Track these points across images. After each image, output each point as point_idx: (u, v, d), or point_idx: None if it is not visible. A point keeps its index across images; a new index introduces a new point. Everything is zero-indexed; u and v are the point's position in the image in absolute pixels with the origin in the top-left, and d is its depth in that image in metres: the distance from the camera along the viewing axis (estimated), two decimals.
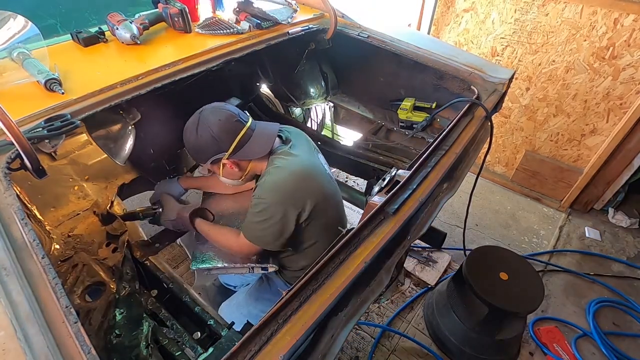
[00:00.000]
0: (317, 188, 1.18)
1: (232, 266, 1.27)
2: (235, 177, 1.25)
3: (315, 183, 1.18)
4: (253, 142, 1.17)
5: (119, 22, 1.23)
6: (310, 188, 1.16)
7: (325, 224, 1.23)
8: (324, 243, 1.26)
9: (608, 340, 1.91)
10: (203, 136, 1.13)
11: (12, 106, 0.83)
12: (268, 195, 1.11)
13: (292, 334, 0.68)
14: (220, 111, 1.16)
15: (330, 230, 1.26)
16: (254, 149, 1.17)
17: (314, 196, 1.15)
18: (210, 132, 1.12)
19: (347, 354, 1.84)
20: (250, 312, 1.40)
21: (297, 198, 1.12)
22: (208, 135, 1.12)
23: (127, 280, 1.09)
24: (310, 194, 1.15)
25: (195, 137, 1.14)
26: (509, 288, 1.60)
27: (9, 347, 0.56)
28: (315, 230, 1.22)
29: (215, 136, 1.12)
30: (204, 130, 1.12)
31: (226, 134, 1.13)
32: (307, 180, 1.16)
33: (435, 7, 2.52)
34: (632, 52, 2.02)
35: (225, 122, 1.14)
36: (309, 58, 1.79)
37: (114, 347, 0.90)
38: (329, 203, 1.23)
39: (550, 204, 2.75)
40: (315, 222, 1.19)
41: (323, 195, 1.20)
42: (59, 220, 1.15)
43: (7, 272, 0.63)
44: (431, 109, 1.68)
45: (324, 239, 1.25)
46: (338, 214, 1.34)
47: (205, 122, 1.13)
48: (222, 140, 1.13)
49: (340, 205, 1.38)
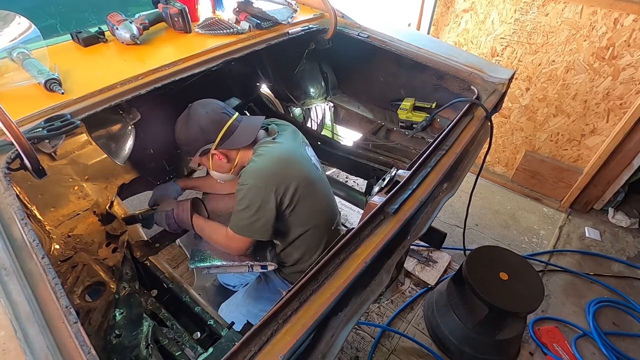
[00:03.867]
0: (299, 171, 1.20)
1: (230, 264, 1.27)
2: (225, 169, 1.28)
3: (296, 167, 1.20)
4: (239, 132, 1.23)
5: (119, 22, 1.23)
6: (291, 172, 1.18)
7: (312, 210, 1.25)
8: (315, 232, 1.28)
9: (608, 340, 1.91)
10: (192, 128, 1.19)
11: (12, 106, 0.83)
12: (249, 180, 1.14)
13: (292, 334, 0.68)
14: (208, 104, 1.23)
15: (319, 219, 1.28)
16: (240, 138, 1.23)
17: (296, 179, 1.17)
18: (198, 123, 1.19)
19: (347, 354, 1.84)
20: (250, 312, 1.40)
21: (278, 181, 1.15)
22: (197, 126, 1.19)
23: (127, 280, 1.09)
24: (291, 177, 1.17)
25: (185, 130, 1.21)
26: (509, 288, 1.60)
27: (9, 347, 0.56)
28: (303, 217, 1.23)
29: (203, 127, 1.19)
30: (193, 122, 1.19)
31: (213, 124, 1.20)
32: (288, 163, 1.19)
33: (435, 7, 2.52)
34: (632, 52, 2.02)
35: (212, 113, 1.21)
36: (309, 58, 1.79)
37: (114, 347, 0.90)
38: (314, 189, 1.24)
39: (550, 204, 2.75)
40: (301, 207, 1.20)
41: (306, 180, 1.21)
42: (59, 220, 1.15)
43: (7, 272, 0.63)
44: (431, 109, 1.68)
45: (314, 228, 1.27)
46: (327, 202, 1.34)
47: (194, 115, 1.19)
48: (209, 131, 1.19)
49: (329, 196, 1.39)
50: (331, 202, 1.39)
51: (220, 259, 1.27)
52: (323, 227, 1.31)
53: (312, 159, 1.33)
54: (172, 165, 1.65)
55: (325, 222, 1.32)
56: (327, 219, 1.33)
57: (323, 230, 1.31)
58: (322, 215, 1.30)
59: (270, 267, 1.30)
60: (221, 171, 1.29)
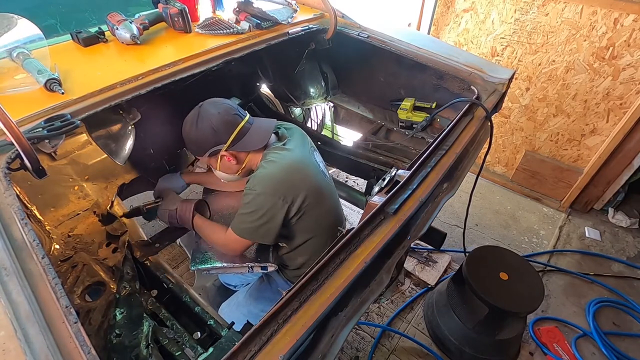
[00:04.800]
0: (309, 181, 1.19)
1: (231, 266, 1.27)
2: (233, 170, 1.26)
3: (306, 176, 1.19)
4: (251, 134, 1.20)
5: (119, 22, 1.23)
6: (301, 181, 1.17)
7: (318, 218, 1.24)
8: (320, 239, 1.27)
9: (608, 340, 1.91)
10: (203, 128, 1.15)
11: (12, 106, 0.83)
12: (258, 186, 1.12)
13: (292, 334, 0.68)
14: (220, 104, 1.19)
15: (325, 226, 1.27)
16: (252, 140, 1.20)
17: (305, 189, 1.16)
18: (210, 123, 1.15)
19: (347, 354, 1.84)
20: (251, 312, 1.40)
21: (287, 190, 1.13)
22: (208, 127, 1.15)
23: (127, 280, 1.09)
24: (301, 187, 1.15)
25: (195, 129, 1.16)
26: (509, 288, 1.60)
27: (9, 347, 0.56)
28: (309, 225, 1.23)
29: (214, 127, 1.15)
30: (204, 122, 1.15)
31: (225, 125, 1.16)
32: (298, 173, 1.18)
33: (435, 7, 2.52)
34: (632, 52, 2.02)
35: (224, 114, 1.17)
36: (309, 58, 1.79)
37: (114, 347, 0.90)
38: (322, 198, 1.24)
39: (550, 204, 2.75)
40: (308, 216, 1.19)
41: (315, 189, 1.20)
42: (59, 220, 1.15)
43: (7, 272, 0.63)
44: (431, 109, 1.68)
45: (320, 235, 1.26)
46: (334, 211, 1.34)
47: (206, 115, 1.16)
48: (221, 131, 1.16)
49: (336, 203, 1.38)
50: (337, 208, 1.39)
51: (220, 261, 1.26)
52: (329, 234, 1.29)
53: (321, 165, 1.32)
54: (172, 165, 1.65)
55: (331, 229, 1.30)
56: (333, 226, 1.32)
57: (328, 237, 1.29)
58: (329, 222, 1.29)
59: (271, 268, 1.30)
60: (228, 172, 1.28)
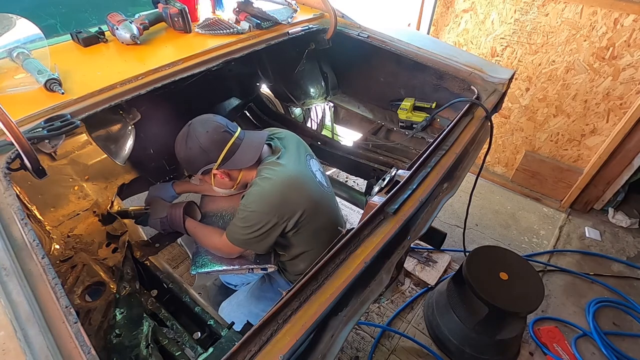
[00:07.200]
0: (305, 197, 1.18)
1: (231, 268, 1.27)
2: (227, 186, 1.27)
3: (302, 192, 1.18)
4: (241, 151, 1.19)
5: (119, 22, 1.23)
6: (297, 197, 1.16)
7: (315, 231, 1.23)
8: (319, 249, 1.25)
9: (608, 340, 1.91)
10: (192, 148, 1.15)
11: (12, 106, 0.83)
12: (253, 205, 1.12)
13: (292, 334, 0.68)
14: (208, 122, 1.17)
15: (322, 237, 1.25)
16: (243, 158, 1.19)
17: (301, 205, 1.16)
18: (198, 143, 1.14)
19: (347, 354, 1.84)
20: (251, 312, 1.40)
21: (282, 209, 1.13)
22: (197, 146, 1.14)
23: (127, 280, 1.09)
24: (297, 204, 1.15)
25: (185, 149, 1.16)
26: (509, 288, 1.60)
27: (9, 347, 0.56)
28: (306, 238, 1.23)
29: (203, 147, 1.14)
30: (193, 142, 1.14)
31: (214, 144, 1.15)
32: (294, 190, 1.16)
33: (435, 7, 2.52)
34: (632, 52, 2.02)
35: (212, 133, 1.15)
36: (309, 58, 1.79)
37: (114, 347, 0.90)
38: (318, 210, 1.23)
39: (550, 204, 2.75)
40: (304, 229, 1.20)
41: (311, 204, 1.19)
42: (59, 220, 1.15)
43: (7, 272, 0.63)
44: (431, 109, 1.68)
45: (317, 245, 1.25)
46: (330, 220, 1.32)
47: (194, 134, 1.15)
48: (210, 151, 1.15)
49: (334, 210, 1.37)
50: (336, 217, 1.38)
51: (220, 264, 1.27)
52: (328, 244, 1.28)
53: (317, 174, 1.31)
54: (172, 165, 1.65)
55: (329, 239, 1.29)
56: (331, 235, 1.31)
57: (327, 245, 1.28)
58: (327, 233, 1.27)
59: (271, 269, 1.30)
60: (223, 187, 1.28)
